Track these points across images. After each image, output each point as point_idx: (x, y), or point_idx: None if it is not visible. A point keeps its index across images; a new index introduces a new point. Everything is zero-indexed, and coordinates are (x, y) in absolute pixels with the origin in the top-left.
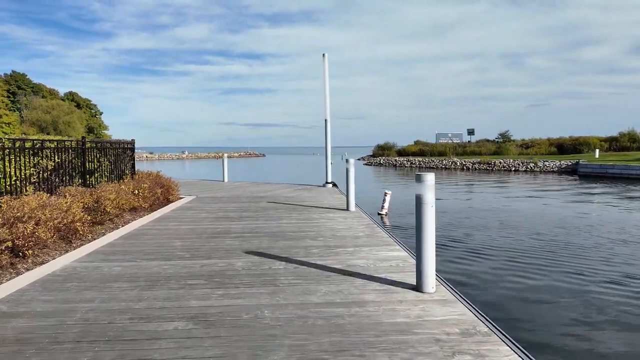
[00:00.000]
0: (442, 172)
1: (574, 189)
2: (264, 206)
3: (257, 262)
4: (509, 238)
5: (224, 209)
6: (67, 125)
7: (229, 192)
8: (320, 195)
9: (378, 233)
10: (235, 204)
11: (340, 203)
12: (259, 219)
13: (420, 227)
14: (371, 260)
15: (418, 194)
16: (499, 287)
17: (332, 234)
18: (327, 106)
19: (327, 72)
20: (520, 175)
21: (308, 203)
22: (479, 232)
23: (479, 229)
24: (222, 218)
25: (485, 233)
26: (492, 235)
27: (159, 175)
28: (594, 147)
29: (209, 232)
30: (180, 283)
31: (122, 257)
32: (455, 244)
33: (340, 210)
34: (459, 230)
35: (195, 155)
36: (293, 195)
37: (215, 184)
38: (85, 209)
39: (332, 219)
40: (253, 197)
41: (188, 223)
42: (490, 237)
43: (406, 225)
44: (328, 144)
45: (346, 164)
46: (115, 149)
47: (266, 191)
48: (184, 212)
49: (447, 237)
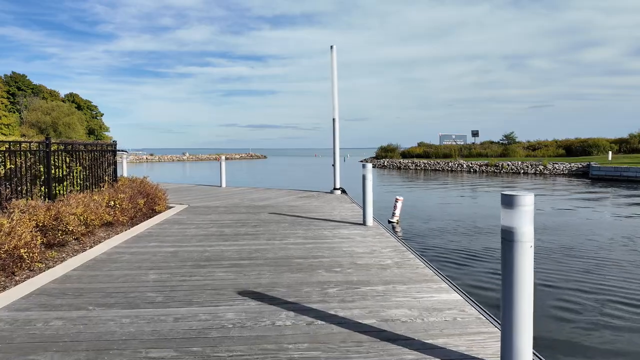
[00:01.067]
0: (448, 174)
1: (610, 195)
2: (264, 219)
3: (254, 313)
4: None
5: (218, 223)
6: (67, 126)
7: (225, 199)
8: (329, 205)
9: (410, 260)
10: (231, 216)
11: (354, 215)
12: (258, 237)
13: (511, 280)
14: (415, 309)
15: (507, 225)
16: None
17: (352, 262)
18: (336, 104)
19: (336, 67)
20: (530, 178)
21: (316, 214)
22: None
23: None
24: (214, 236)
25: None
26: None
27: (145, 182)
28: (603, 149)
29: (195, 257)
30: (138, 356)
31: (71, 302)
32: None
33: (355, 224)
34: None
35: (196, 157)
36: (298, 205)
37: (211, 189)
38: (39, 229)
39: (347, 238)
40: (252, 207)
41: (171, 243)
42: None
43: (423, 236)
44: (336, 145)
45: (362, 169)
46: (91, 152)
47: (267, 199)
48: (169, 227)
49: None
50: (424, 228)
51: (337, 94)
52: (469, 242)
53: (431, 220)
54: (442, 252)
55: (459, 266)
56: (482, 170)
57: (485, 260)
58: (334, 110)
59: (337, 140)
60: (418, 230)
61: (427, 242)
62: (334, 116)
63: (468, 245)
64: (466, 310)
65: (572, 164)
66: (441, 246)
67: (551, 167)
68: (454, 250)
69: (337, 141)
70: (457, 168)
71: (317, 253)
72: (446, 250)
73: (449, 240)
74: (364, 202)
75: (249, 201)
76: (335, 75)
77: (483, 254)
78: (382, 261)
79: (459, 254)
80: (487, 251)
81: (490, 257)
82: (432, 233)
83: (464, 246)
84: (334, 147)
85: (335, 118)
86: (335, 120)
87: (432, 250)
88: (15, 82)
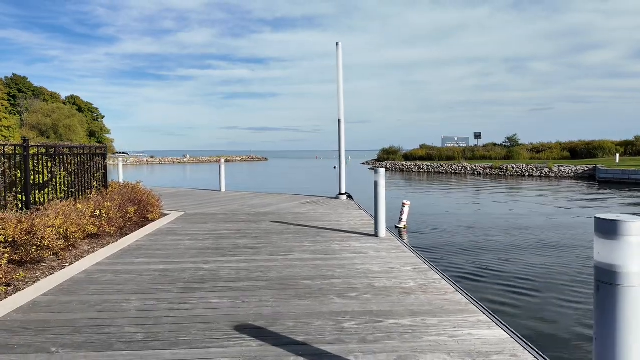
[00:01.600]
0: (452, 177)
1: (625, 200)
2: (266, 228)
3: (254, 359)
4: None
5: (216, 234)
6: (67, 128)
7: (225, 205)
8: (336, 212)
9: (435, 281)
10: (230, 225)
11: (364, 224)
12: (260, 252)
13: (613, 339)
14: (455, 355)
15: (606, 262)
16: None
17: (368, 284)
18: (341, 104)
19: (341, 65)
20: (536, 180)
21: (322, 223)
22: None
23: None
24: (210, 250)
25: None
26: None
27: (137, 187)
28: (609, 152)
29: (186, 277)
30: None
31: (31, 342)
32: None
33: (366, 235)
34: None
35: (197, 160)
36: (302, 212)
37: (210, 194)
38: (8, 244)
39: (360, 253)
40: (253, 214)
41: (161, 259)
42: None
43: (440, 247)
44: (342, 147)
45: (374, 174)
46: (78, 156)
47: (269, 205)
48: (161, 238)
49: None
50: (438, 237)
51: (342, 94)
52: (496, 256)
53: (444, 228)
54: (467, 269)
55: (492, 289)
56: (487, 173)
57: (521, 279)
58: (339, 110)
59: (343, 142)
60: (433, 241)
61: (446, 255)
62: (339, 117)
63: (496, 261)
64: (519, 356)
65: (578, 167)
66: (464, 261)
67: (557, 170)
68: (481, 267)
69: (342, 143)
70: (460, 171)
71: (327, 272)
72: (472, 265)
73: (470, 252)
74: (377, 211)
75: (250, 208)
76: (340, 74)
77: (516, 270)
78: (403, 283)
79: (488, 271)
80: (520, 267)
81: (529, 276)
82: (450, 243)
83: (490, 261)
84: (340, 149)
85: (340, 119)
86: (340, 121)
87: (455, 267)
88: (16, 84)
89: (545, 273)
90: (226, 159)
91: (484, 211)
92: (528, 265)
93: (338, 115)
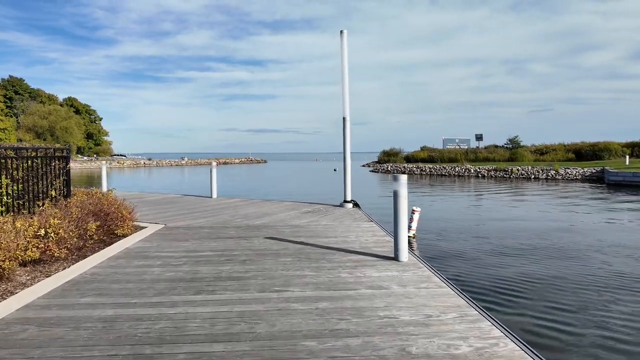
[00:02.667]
0: (455, 179)
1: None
2: (259, 247)
3: None
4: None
5: (195, 256)
6: (64, 131)
7: (213, 216)
8: (342, 224)
9: (497, 341)
10: (215, 243)
11: (377, 242)
12: (247, 285)
13: None
14: None
15: None
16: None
17: (401, 349)
18: (346, 100)
19: (346, 55)
20: (542, 183)
21: (327, 240)
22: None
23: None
24: (183, 282)
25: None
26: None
27: (107, 197)
28: (615, 153)
29: (138, 334)
30: None
31: None
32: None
33: (384, 259)
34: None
35: (195, 162)
36: (302, 224)
37: (200, 201)
38: None
39: (380, 287)
40: (245, 228)
41: (114, 299)
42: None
43: (453, 256)
44: (347, 148)
45: (394, 181)
46: (29, 160)
47: (264, 215)
48: (125, 263)
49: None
50: (454, 248)
51: (347, 89)
52: (545, 279)
53: (461, 237)
54: (521, 305)
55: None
56: (491, 175)
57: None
58: (344, 107)
59: (348, 143)
60: (450, 253)
61: (473, 274)
62: (344, 115)
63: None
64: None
65: (585, 169)
66: (504, 288)
67: (563, 172)
68: (533, 301)
69: (347, 144)
70: (464, 173)
71: (339, 323)
72: (518, 296)
73: (507, 275)
74: (397, 228)
75: (242, 219)
76: (345, 65)
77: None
78: (452, 347)
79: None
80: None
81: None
82: (474, 259)
83: (541, 289)
84: (344, 151)
85: (345, 117)
86: (345, 120)
87: (506, 301)
88: (12, 86)
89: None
90: (224, 161)
91: (504, 217)
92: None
93: (343, 112)
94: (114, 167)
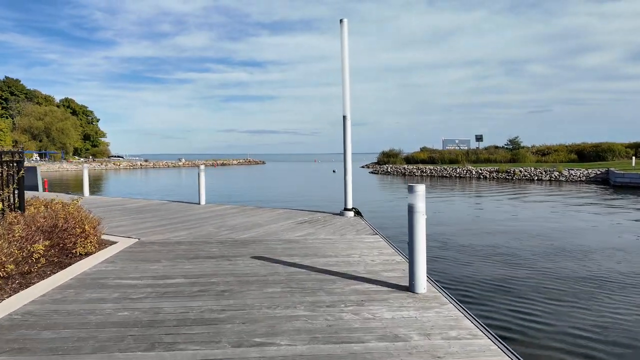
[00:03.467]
0: (456, 181)
1: None
2: (242, 272)
3: None
4: None
5: (163, 285)
6: (60, 132)
7: (197, 227)
8: (343, 238)
9: None
10: (191, 265)
11: (386, 262)
12: (220, 334)
13: None
14: None
15: None
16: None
17: None
18: (347, 97)
19: (347, 46)
20: (545, 185)
21: (326, 261)
22: None
23: None
24: (136, 329)
25: None
26: None
27: (66, 208)
28: (618, 154)
29: None
30: None
31: None
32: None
33: (396, 289)
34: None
35: (192, 163)
36: (297, 238)
37: (186, 208)
38: None
39: (396, 339)
40: (230, 244)
41: (37, 358)
42: None
43: (466, 273)
44: (348, 149)
45: (409, 193)
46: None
47: (255, 226)
48: (73, 296)
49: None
50: (468, 263)
51: (348, 84)
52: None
53: (472, 247)
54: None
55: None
56: (493, 176)
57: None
58: (345, 104)
59: (349, 143)
60: (462, 269)
61: (517, 320)
62: (345, 113)
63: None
64: None
65: (589, 170)
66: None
67: (567, 174)
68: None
69: (348, 144)
70: (465, 174)
71: None
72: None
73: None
74: (413, 252)
75: (228, 231)
76: (346, 57)
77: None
78: None
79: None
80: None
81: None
82: (488, 275)
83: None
84: (345, 151)
85: (346, 115)
86: (346, 118)
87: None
88: (8, 87)
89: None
90: (222, 162)
91: (521, 222)
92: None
93: (343, 111)
94: (109, 168)
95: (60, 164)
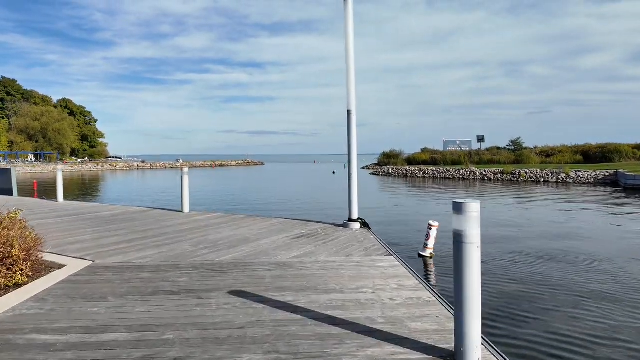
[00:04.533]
0: (460, 183)
1: None
2: (212, 322)
3: None
4: None
5: (92, 345)
6: (57, 132)
7: (171, 244)
8: (349, 262)
9: None
10: (144, 308)
11: (409, 300)
12: None
13: None
14: None
15: None
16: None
17: None
18: (352, 90)
19: (352, 25)
20: (552, 187)
21: (328, 300)
22: None
23: None
24: None
25: None
26: None
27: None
28: (625, 155)
29: None
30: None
31: None
32: None
33: (433, 357)
34: None
35: (190, 164)
36: (291, 260)
37: (166, 217)
38: None
39: None
40: (207, 269)
41: None
42: None
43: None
44: (353, 147)
45: (455, 213)
46: None
47: (242, 242)
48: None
49: None
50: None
51: (353, 73)
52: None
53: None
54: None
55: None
56: (498, 178)
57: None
58: (349, 97)
59: (354, 140)
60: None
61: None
62: (349, 107)
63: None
64: None
65: (597, 172)
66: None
67: (574, 175)
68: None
69: (353, 142)
70: (469, 176)
71: None
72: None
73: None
74: (463, 306)
75: (208, 249)
76: (350, 40)
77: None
78: None
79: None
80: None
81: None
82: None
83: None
84: (349, 150)
85: (350, 109)
86: (350, 113)
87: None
88: (4, 87)
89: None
90: (220, 163)
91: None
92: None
93: (347, 104)
94: (105, 170)
95: (56, 165)
